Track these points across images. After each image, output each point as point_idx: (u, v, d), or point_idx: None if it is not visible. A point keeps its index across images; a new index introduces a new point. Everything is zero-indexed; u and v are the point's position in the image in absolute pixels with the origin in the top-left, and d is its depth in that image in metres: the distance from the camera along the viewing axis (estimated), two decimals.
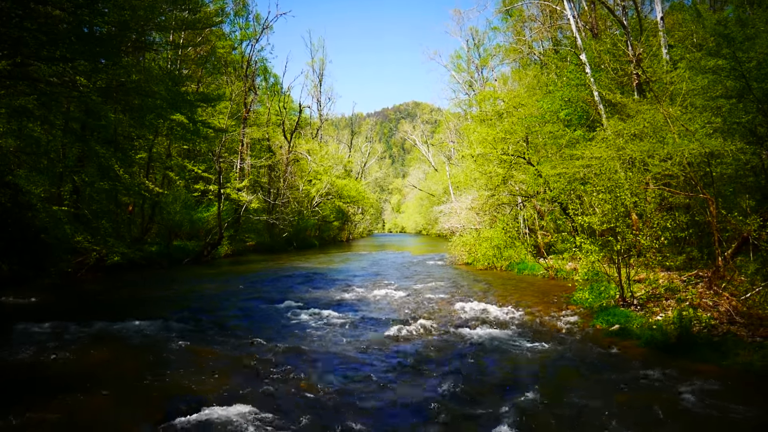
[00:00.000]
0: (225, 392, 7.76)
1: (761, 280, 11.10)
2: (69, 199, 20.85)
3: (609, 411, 7.11)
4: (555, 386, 8.26)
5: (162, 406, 7.10)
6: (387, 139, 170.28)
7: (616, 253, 13.07)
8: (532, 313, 13.81)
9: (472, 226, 29.91)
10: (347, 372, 9.04)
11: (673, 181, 15.02)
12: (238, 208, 35.28)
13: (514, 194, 26.22)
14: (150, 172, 28.20)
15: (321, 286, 19.65)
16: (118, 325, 11.60)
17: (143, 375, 8.52)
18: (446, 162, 56.07)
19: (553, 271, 21.30)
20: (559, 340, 11.13)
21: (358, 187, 61.15)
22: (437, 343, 10.94)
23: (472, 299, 15.91)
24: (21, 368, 8.72)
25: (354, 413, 7.17)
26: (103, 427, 6.41)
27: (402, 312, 14.22)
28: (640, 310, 12.58)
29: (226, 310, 14.23)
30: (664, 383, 8.23)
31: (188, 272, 23.35)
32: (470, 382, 8.46)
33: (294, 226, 43.63)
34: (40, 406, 6.94)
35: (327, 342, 11.04)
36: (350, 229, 67.40)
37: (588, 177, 16.72)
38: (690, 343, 10.01)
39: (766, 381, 8.29)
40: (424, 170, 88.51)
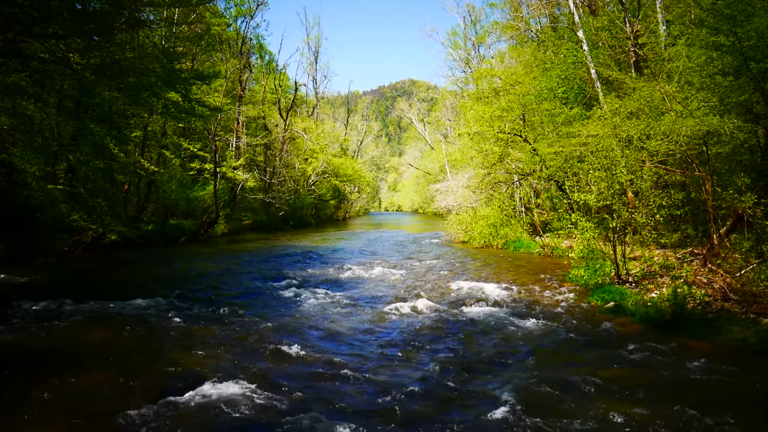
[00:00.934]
0: (222, 369, 7.81)
1: (755, 257, 11.17)
2: (64, 178, 20.77)
3: (604, 386, 7.19)
4: (550, 362, 8.34)
5: (160, 383, 7.14)
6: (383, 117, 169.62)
7: (611, 230, 13.11)
8: (528, 291, 13.89)
9: (469, 204, 29.92)
10: (343, 349, 9.11)
11: (669, 159, 15.03)
12: (234, 187, 35.21)
13: (510, 172, 26.20)
14: (145, 151, 28.07)
15: (317, 264, 19.70)
16: (115, 303, 11.62)
17: (141, 352, 8.56)
18: (443, 140, 55.90)
19: (549, 249, 21.38)
20: (554, 317, 11.21)
21: (354, 165, 61.00)
22: (433, 320, 11.01)
23: (468, 277, 15.99)
24: (18, 346, 8.75)
25: (350, 389, 7.24)
26: (102, 404, 6.46)
27: (398, 290, 14.28)
28: (635, 287, 12.66)
29: (222, 288, 14.27)
30: (658, 359, 8.31)
31: (185, 251, 23.37)
32: (465, 358, 8.53)
33: (290, 205, 43.60)
34: (37, 383, 6.97)
35: (323, 319, 11.10)
36: (346, 207, 67.40)
37: (584, 155, 16.72)
38: (684, 320, 10.09)
39: (760, 357, 8.37)
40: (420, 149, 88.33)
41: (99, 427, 5.90)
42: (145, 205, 27.49)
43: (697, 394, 6.95)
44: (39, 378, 7.16)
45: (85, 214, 18.86)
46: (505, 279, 15.59)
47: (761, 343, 8.68)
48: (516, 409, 6.41)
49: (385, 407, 6.62)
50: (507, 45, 43.33)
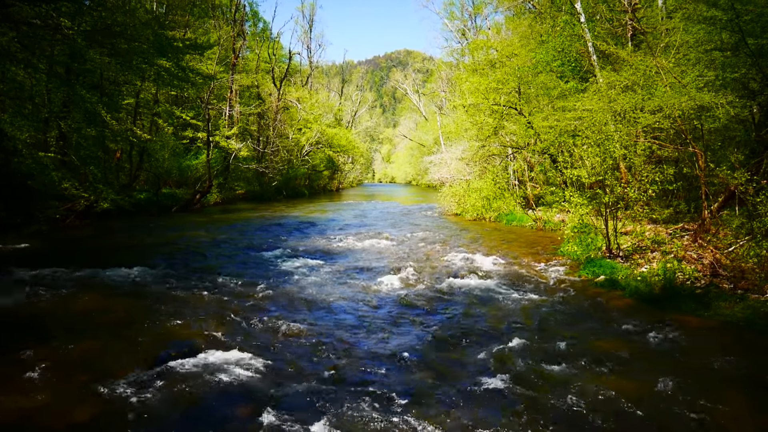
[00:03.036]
0: (215, 337, 7.87)
1: (745, 233, 11.25)
2: (55, 145, 20.57)
3: (593, 358, 7.29)
4: (540, 334, 8.44)
5: (153, 351, 7.19)
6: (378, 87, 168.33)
7: (604, 205, 13.16)
8: (520, 264, 13.97)
9: (462, 176, 29.89)
10: (335, 318, 9.18)
11: (663, 134, 15.03)
12: (227, 156, 35.01)
13: (504, 145, 26.14)
14: (137, 119, 27.81)
15: (310, 234, 19.73)
16: (108, 271, 11.63)
17: (134, 320, 8.60)
18: (437, 112, 55.59)
19: (542, 223, 21.46)
20: (545, 290, 11.31)
21: (348, 136, 60.69)
22: (425, 291, 11.08)
23: (460, 249, 16.06)
24: (10, 313, 8.77)
25: (342, 358, 7.31)
26: (95, 371, 6.50)
27: (390, 261, 14.34)
28: (625, 261, 12.76)
29: (216, 258, 14.29)
30: (647, 333, 8.42)
31: (178, 220, 23.33)
32: (458, 330, 8.62)
33: (284, 175, 43.45)
34: (30, 350, 7.01)
35: (316, 289, 11.16)
36: (340, 178, 67.23)
37: (579, 129, 16.68)
38: (673, 295, 10.20)
39: (747, 332, 8.50)
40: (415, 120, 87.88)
41: (92, 393, 5.95)
42: (138, 174, 27.32)
43: (685, 367, 7.06)
44: (32, 345, 7.20)
45: (76, 182, 18.70)
46: (498, 252, 15.67)
47: (748, 318, 8.81)
48: (507, 379, 6.51)
49: (377, 377, 6.71)
50: (504, 16, 42.82)
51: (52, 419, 5.46)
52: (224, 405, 5.85)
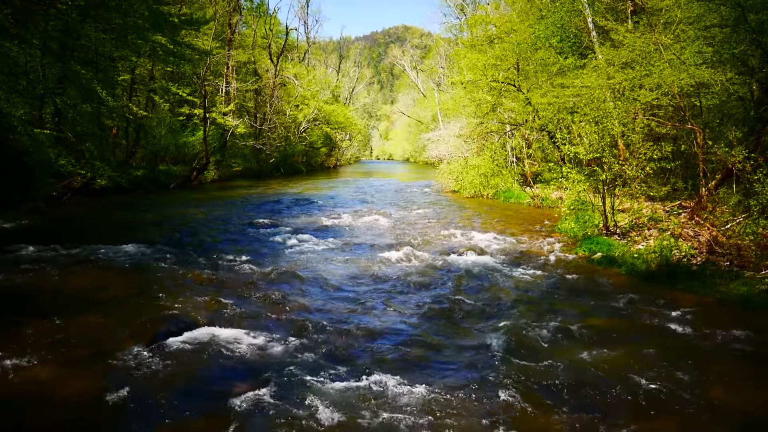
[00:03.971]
0: (213, 313, 7.91)
1: (742, 211, 11.28)
2: (51, 122, 20.41)
3: (589, 335, 7.36)
4: (537, 310, 8.50)
5: (152, 327, 7.23)
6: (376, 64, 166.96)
7: (601, 182, 13.17)
8: (517, 241, 14.01)
9: (460, 153, 29.82)
10: (333, 295, 9.23)
11: (661, 112, 14.98)
12: (224, 133, 34.83)
13: (502, 122, 26.05)
14: (133, 95, 27.60)
15: (308, 211, 19.73)
16: (106, 248, 11.63)
17: (132, 297, 8.64)
18: (435, 89, 55.28)
19: (539, 200, 21.48)
20: (542, 266, 11.36)
21: (345, 112, 60.35)
22: (423, 268, 11.12)
23: (457, 226, 16.08)
24: (8, 289, 8.78)
25: (340, 334, 7.37)
26: (94, 346, 6.54)
27: (388, 238, 14.36)
28: (622, 239, 12.80)
29: (213, 235, 14.30)
30: (642, 309, 8.49)
31: (175, 197, 23.29)
32: (455, 305, 8.67)
33: (281, 152, 43.27)
34: (29, 326, 7.04)
35: (314, 266, 11.19)
36: (338, 155, 66.96)
37: (577, 106, 16.62)
38: (670, 272, 10.26)
39: (743, 309, 8.57)
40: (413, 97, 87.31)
41: (93, 368, 6.00)
42: (134, 150, 27.19)
43: (680, 343, 7.13)
44: (30, 321, 7.22)
45: (73, 158, 18.61)
46: (495, 229, 15.70)
47: (744, 295, 8.88)
48: (504, 354, 6.57)
49: (375, 352, 6.76)
50: None
51: (53, 393, 5.50)
52: (222, 380, 5.90)
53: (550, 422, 5.21)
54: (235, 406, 5.37)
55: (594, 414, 5.38)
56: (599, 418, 5.30)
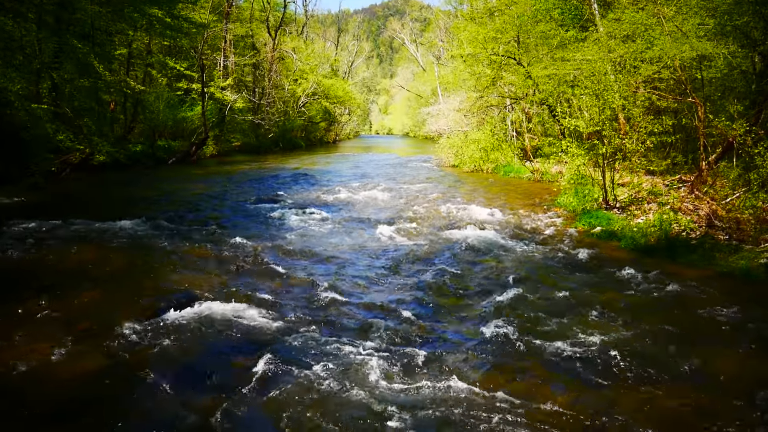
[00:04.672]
0: (213, 289, 7.94)
1: (742, 185, 11.28)
2: (48, 97, 20.26)
3: (587, 308, 7.40)
4: (536, 284, 8.53)
5: (152, 302, 7.26)
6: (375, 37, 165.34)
7: (601, 156, 13.14)
8: (517, 215, 14.02)
9: (460, 128, 29.70)
10: (334, 269, 9.26)
11: (663, 85, 14.88)
12: (222, 108, 34.61)
13: (502, 96, 25.90)
14: (131, 69, 27.36)
15: (307, 186, 19.71)
16: (106, 224, 11.63)
17: (132, 272, 8.66)
18: (435, 62, 54.82)
19: (539, 174, 21.45)
20: (542, 241, 11.39)
21: (344, 87, 59.92)
22: (422, 243, 11.15)
23: (457, 201, 16.09)
24: (7, 265, 8.80)
25: (341, 309, 7.41)
26: (94, 321, 6.57)
27: (388, 213, 14.37)
28: (622, 213, 12.82)
29: (213, 210, 14.30)
30: (642, 283, 8.53)
31: (174, 172, 23.23)
32: (454, 279, 8.71)
33: (280, 127, 43.07)
34: (29, 302, 7.06)
35: (314, 240, 11.22)
36: (337, 130, 66.64)
37: (578, 80, 16.51)
38: (669, 246, 10.29)
39: (742, 282, 8.61)
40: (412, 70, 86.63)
41: (93, 343, 6.03)
42: (133, 126, 27.04)
43: (680, 316, 7.17)
44: (30, 297, 7.24)
45: (71, 134, 18.53)
46: (495, 203, 15.70)
47: (743, 269, 8.91)
48: (504, 328, 6.60)
49: (376, 327, 6.80)
50: None
51: (55, 369, 5.54)
52: (224, 354, 5.95)
53: (550, 395, 5.26)
54: (236, 380, 5.42)
55: (593, 386, 5.43)
56: (599, 390, 5.36)
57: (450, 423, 4.72)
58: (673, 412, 4.99)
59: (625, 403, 5.12)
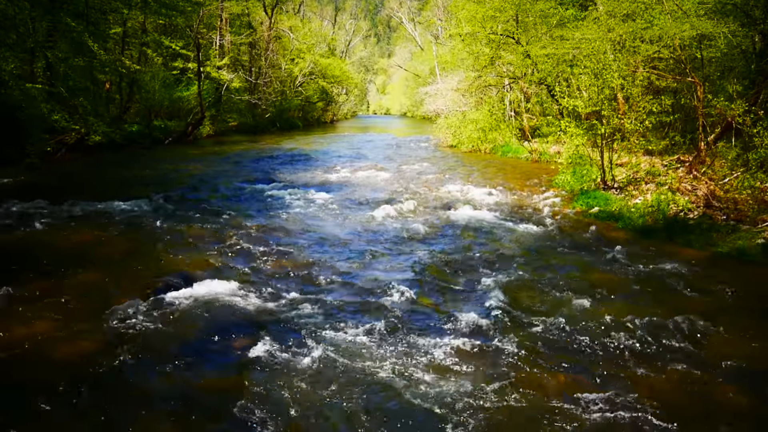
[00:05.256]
0: (211, 269, 7.94)
1: (740, 165, 11.25)
2: (42, 77, 20.05)
3: (585, 288, 7.41)
4: (533, 264, 8.54)
5: (149, 282, 7.26)
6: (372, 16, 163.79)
7: (600, 136, 13.09)
8: (515, 195, 14.01)
9: (458, 108, 29.54)
10: (331, 249, 9.25)
11: (662, 64, 14.78)
12: (219, 87, 34.33)
13: (501, 76, 25.74)
14: (125, 49, 27.04)
15: (305, 167, 19.65)
16: (103, 204, 11.60)
17: (130, 252, 8.66)
18: (433, 41, 54.36)
19: (537, 154, 21.40)
20: (539, 221, 11.38)
21: (342, 66, 59.50)
22: (420, 222, 11.13)
23: (455, 181, 16.05)
24: (6, 246, 8.78)
25: (339, 289, 7.42)
26: (93, 302, 6.57)
27: (386, 192, 14.35)
28: (620, 193, 12.80)
29: (210, 190, 14.26)
30: (639, 263, 8.53)
31: (171, 152, 23.11)
32: (452, 260, 8.71)
33: (277, 107, 42.81)
34: (27, 282, 7.05)
35: (312, 221, 11.20)
36: (334, 110, 66.27)
37: (577, 59, 16.40)
38: (667, 226, 10.30)
39: (738, 262, 8.64)
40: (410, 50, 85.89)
41: (92, 323, 6.03)
42: (128, 105, 26.82)
43: (676, 296, 7.21)
44: (28, 277, 7.24)
45: (66, 114, 18.37)
46: (493, 183, 15.68)
47: (740, 249, 8.93)
48: (501, 307, 6.62)
49: (374, 305, 6.81)
50: None
51: (55, 348, 5.55)
52: (222, 334, 5.95)
53: (546, 373, 5.28)
54: (235, 359, 5.44)
55: (590, 365, 5.45)
56: (595, 369, 5.38)
57: (447, 399, 4.74)
58: (666, 389, 5.01)
59: (619, 379, 5.14)
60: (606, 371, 5.33)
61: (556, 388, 5.05)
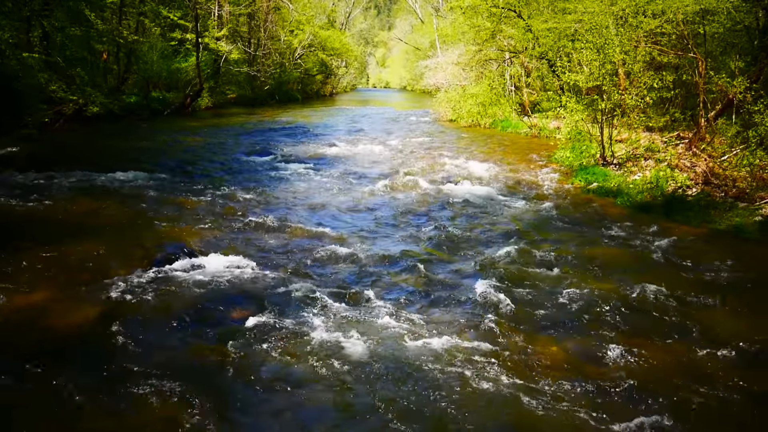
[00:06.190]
0: (210, 241, 7.97)
1: (740, 142, 11.23)
2: (39, 46, 19.86)
3: (583, 263, 7.47)
4: (531, 239, 8.59)
5: (149, 253, 7.29)
6: None
7: (600, 112, 13.04)
8: (514, 170, 14.01)
9: (458, 82, 29.35)
10: (329, 223, 9.28)
11: (664, 39, 14.66)
12: (217, 59, 34.01)
13: (501, 50, 25.52)
14: (123, 18, 26.74)
15: (304, 140, 19.58)
16: (100, 175, 11.58)
17: (129, 223, 8.68)
18: (434, 14, 53.73)
19: (537, 130, 21.32)
20: (538, 196, 11.40)
21: (342, 38, 58.85)
22: (419, 197, 11.15)
23: (454, 156, 16.02)
24: (4, 217, 8.78)
25: (337, 262, 7.45)
26: (92, 272, 6.61)
27: (384, 166, 14.34)
28: (618, 169, 12.80)
29: (209, 162, 14.23)
30: (636, 239, 8.59)
31: (169, 124, 22.97)
32: (450, 234, 8.74)
33: (276, 79, 42.46)
34: (26, 252, 7.06)
35: (310, 194, 11.22)
36: (334, 83, 65.75)
37: (578, 33, 16.26)
38: (665, 203, 10.33)
39: (736, 239, 8.69)
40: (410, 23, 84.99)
41: (91, 293, 6.08)
42: (126, 76, 26.61)
43: (673, 272, 7.26)
44: (27, 248, 7.25)
45: (64, 84, 18.22)
46: (492, 158, 15.65)
47: (737, 226, 8.97)
48: (498, 282, 6.67)
49: (371, 280, 6.87)
50: None
51: (52, 316, 5.62)
52: (220, 306, 6.00)
53: (541, 346, 5.34)
54: (232, 331, 5.48)
55: (584, 339, 5.52)
56: (590, 341, 5.44)
57: (445, 369, 4.80)
58: (660, 363, 5.08)
59: (613, 353, 5.20)
60: (601, 344, 5.39)
61: (551, 359, 5.11)
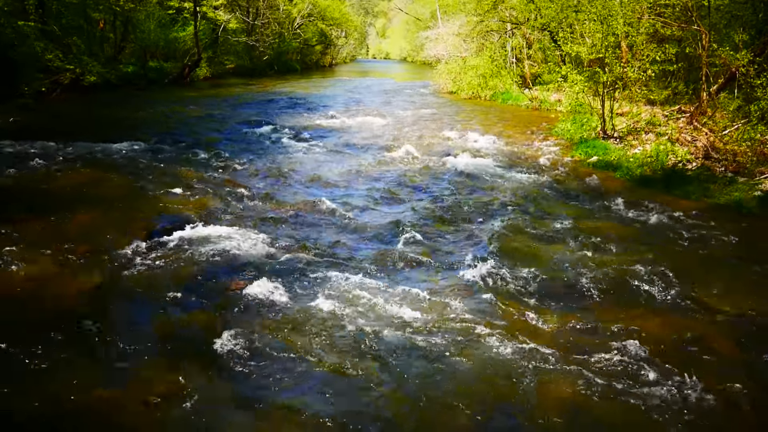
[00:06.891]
0: (209, 211, 7.96)
1: (741, 117, 11.17)
2: (35, 14, 19.60)
3: (582, 236, 7.46)
4: (531, 212, 8.59)
5: (147, 224, 7.29)
6: None
7: (602, 84, 12.94)
8: (514, 143, 13.95)
9: (459, 53, 29.06)
10: (329, 194, 9.25)
11: (668, 11, 14.47)
12: (215, 28, 33.63)
13: (503, 21, 25.23)
14: None
15: (302, 111, 19.45)
16: (99, 146, 11.52)
17: (127, 194, 8.65)
18: None
19: (537, 102, 21.19)
20: (537, 169, 11.37)
21: (341, 8, 58.18)
22: (418, 169, 11.12)
23: (455, 128, 15.94)
24: (2, 186, 8.74)
25: (336, 233, 7.46)
26: (91, 243, 6.60)
27: (384, 139, 14.27)
28: (619, 143, 12.75)
29: (207, 133, 14.15)
30: (637, 213, 8.59)
31: (167, 94, 22.78)
32: (450, 206, 8.74)
33: (275, 49, 42.03)
34: (25, 223, 7.05)
35: (309, 166, 11.18)
36: (333, 53, 65.13)
37: (581, 4, 16.04)
38: (665, 177, 10.31)
39: (735, 214, 8.68)
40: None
41: (92, 263, 6.09)
42: (123, 46, 26.32)
43: (672, 246, 7.27)
44: (26, 218, 7.22)
45: (60, 53, 18.05)
46: (492, 131, 15.57)
47: (737, 200, 8.97)
48: (497, 255, 6.68)
49: (370, 251, 6.88)
50: None
51: (52, 285, 5.63)
52: (218, 276, 6.01)
53: (539, 315, 5.37)
54: (231, 300, 5.51)
55: (583, 310, 5.55)
56: (588, 314, 5.47)
57: (445, 342, 4.83)
58: (659, 335, 5.11)
59: (611, 324, 5.24)
60: (599, 316, 5.43)
61: (549, 330, 5.15)
